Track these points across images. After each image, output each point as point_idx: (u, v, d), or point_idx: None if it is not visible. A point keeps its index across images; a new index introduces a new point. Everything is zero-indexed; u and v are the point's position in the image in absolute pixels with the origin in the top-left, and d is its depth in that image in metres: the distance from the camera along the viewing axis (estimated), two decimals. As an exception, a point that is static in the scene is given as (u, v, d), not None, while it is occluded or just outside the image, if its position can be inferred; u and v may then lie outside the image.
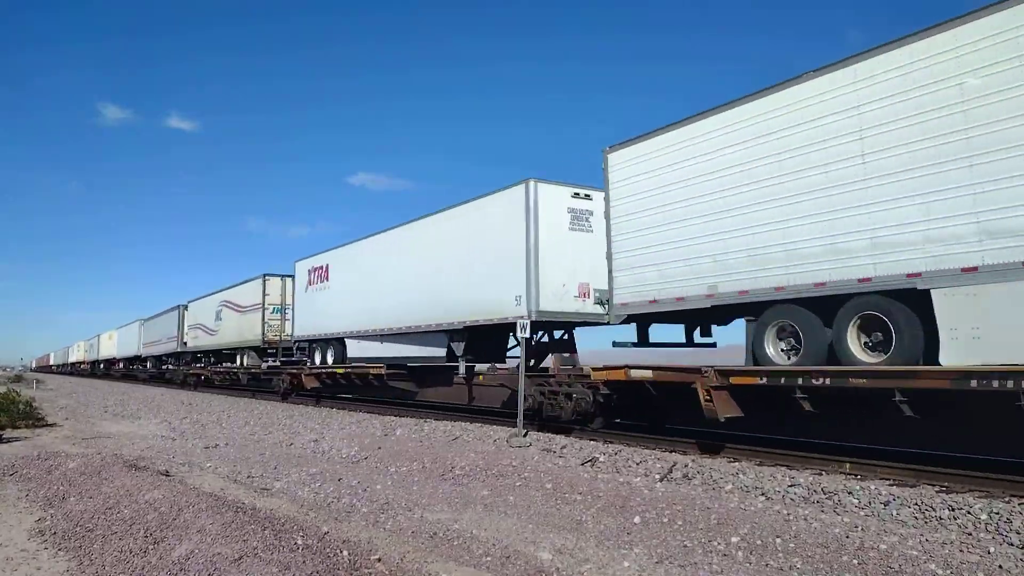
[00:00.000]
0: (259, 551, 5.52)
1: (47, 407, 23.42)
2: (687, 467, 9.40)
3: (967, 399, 7.60)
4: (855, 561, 5.57)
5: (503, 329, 15.34)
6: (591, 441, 12.03)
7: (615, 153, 12.28)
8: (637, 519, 6.94)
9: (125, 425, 18.26)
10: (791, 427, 10.45)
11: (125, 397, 31.21)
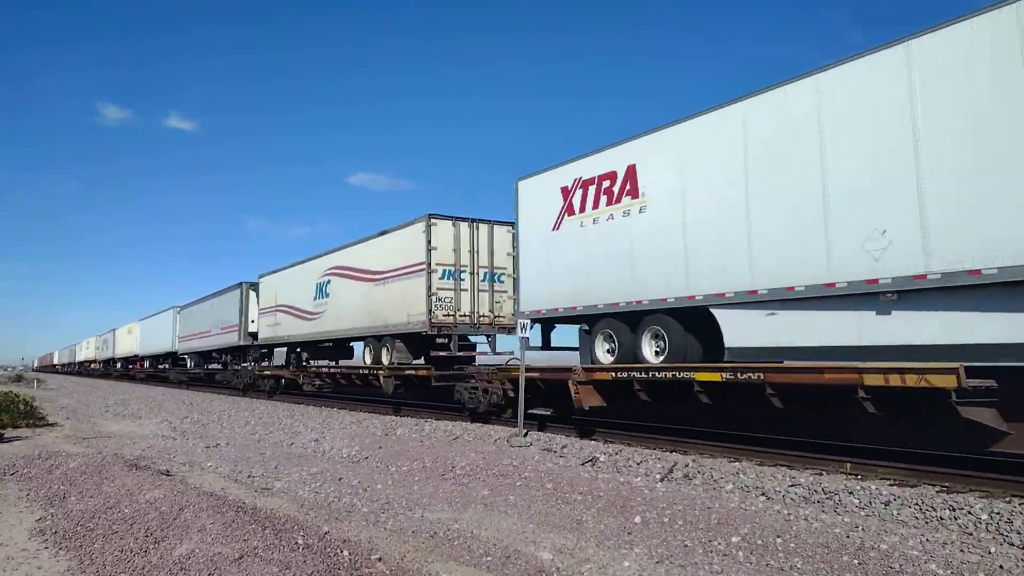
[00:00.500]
0: (260, 551, 5.53)
1: (48, 407, 23.46)
2: (688, 467, 9.40)
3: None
4: (855, 561, 5.57)
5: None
6: (591, 441, 12.06)
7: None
8: (638, 519, 6.94)
9: (126, 425, 18.28)
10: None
11: (126, 397, 31.26)
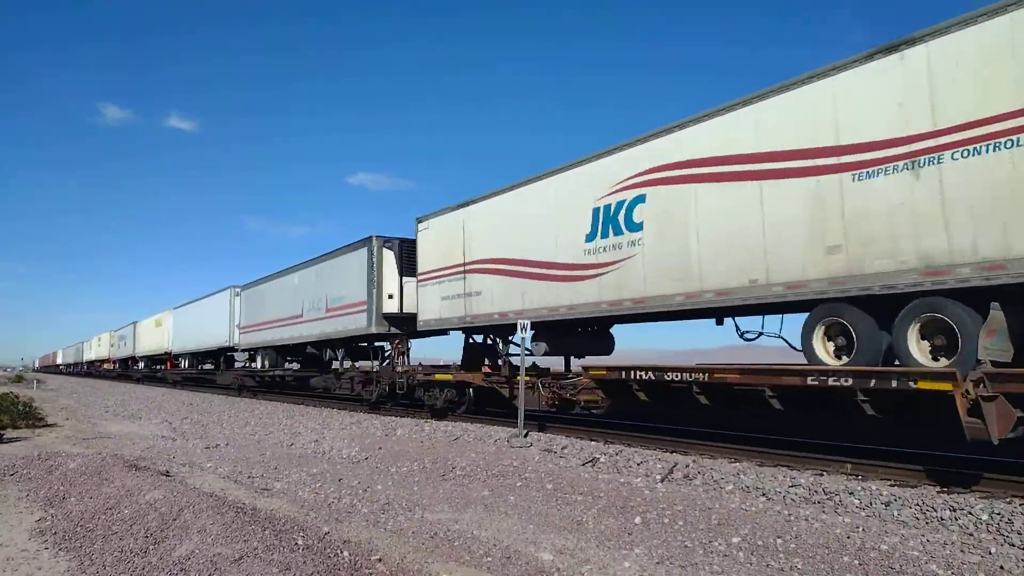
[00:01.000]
0: (260, 551, 5.52)
1: (48, 407, 23.45)
2: (688, 467, 9.39)
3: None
4: (856, 562, 5.57)
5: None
6: (592, 442, 12.03)
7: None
8: (638, 519, 6.93)
9: (126, 425, 18.27)
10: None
11: (126, 397, 31.24)
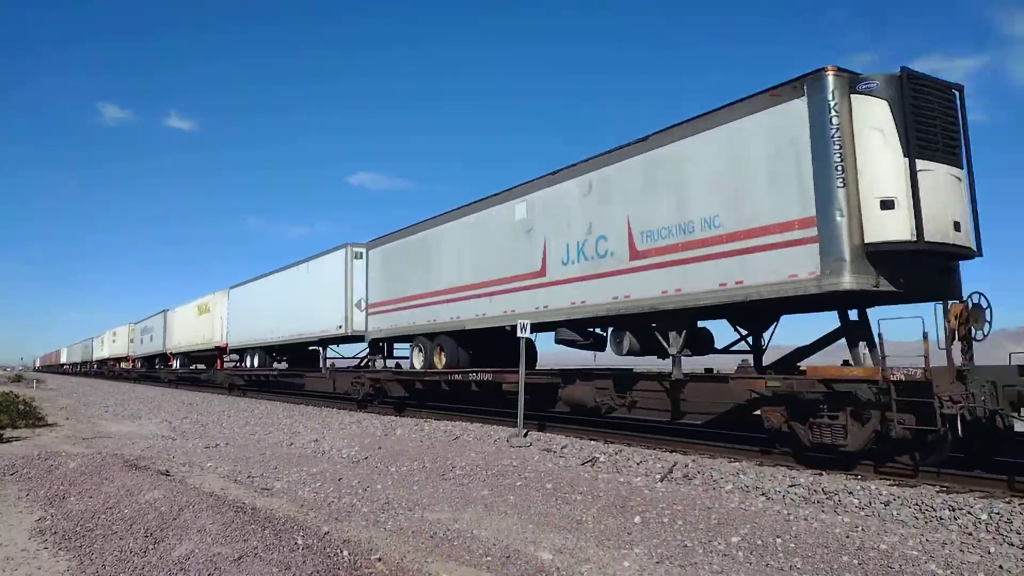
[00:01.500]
0: (259, 551, 5.52)
1: (47, 407, 23.44)
2: (687, 467, 9.40)
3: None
4: (855, 561, 5.58)
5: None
6: (591, 441, 12.05)
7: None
8: (637, 519, 6.94)
9: (126, 425, 18.27)
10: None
11: (126, 397, 31.24)
